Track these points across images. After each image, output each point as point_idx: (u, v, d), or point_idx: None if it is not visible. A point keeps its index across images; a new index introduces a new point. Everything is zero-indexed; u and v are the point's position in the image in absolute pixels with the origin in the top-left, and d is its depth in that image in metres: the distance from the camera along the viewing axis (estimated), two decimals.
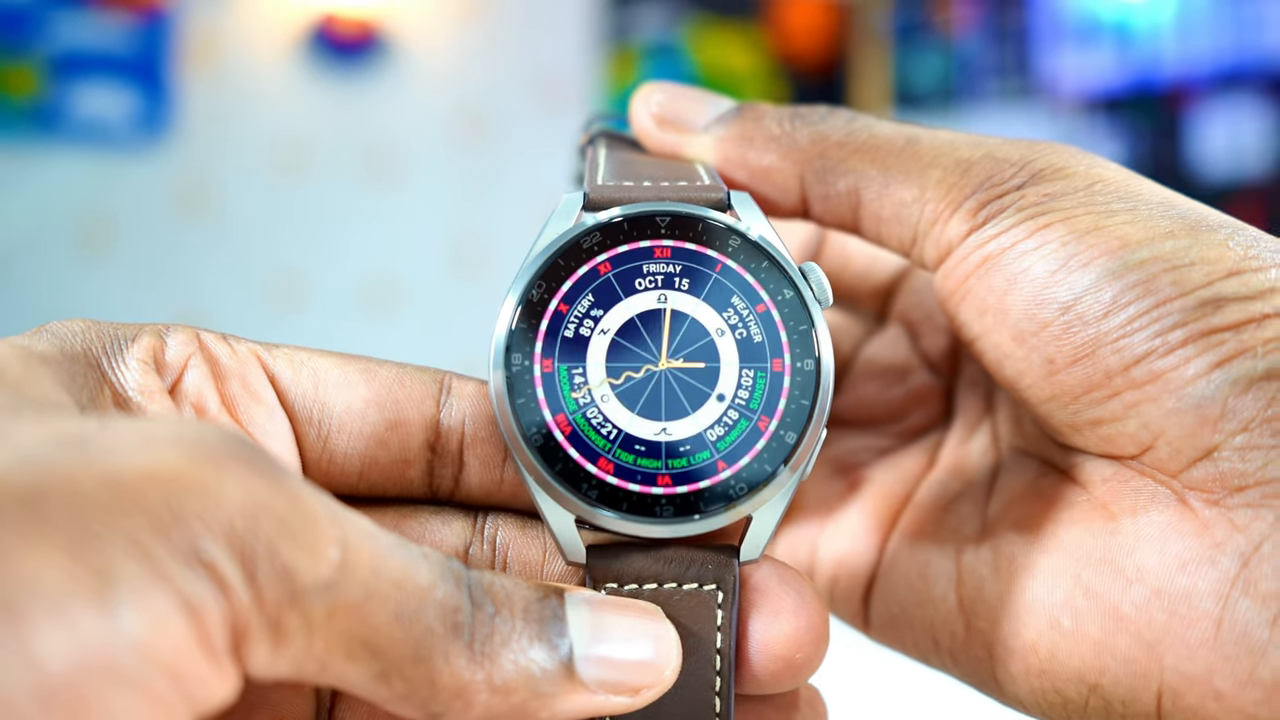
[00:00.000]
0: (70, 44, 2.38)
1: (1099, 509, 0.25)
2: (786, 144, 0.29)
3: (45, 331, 0.23)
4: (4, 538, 0.16)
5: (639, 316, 0.25)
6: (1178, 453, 0.24)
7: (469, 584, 0.20)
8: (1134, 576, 0.24)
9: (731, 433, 0.24)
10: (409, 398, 0.25)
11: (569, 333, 0.25)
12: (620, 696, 0.21)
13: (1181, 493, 0.24)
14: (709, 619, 0.24)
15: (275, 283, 2.48)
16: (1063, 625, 0.25)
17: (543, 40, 2.65)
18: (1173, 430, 0.23)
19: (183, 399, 0.23)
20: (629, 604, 0.22)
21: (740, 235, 0.26)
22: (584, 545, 0.24)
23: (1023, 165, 0.26)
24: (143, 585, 0.16)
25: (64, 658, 0.15)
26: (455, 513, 0.25)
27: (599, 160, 0.29)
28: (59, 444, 0.17)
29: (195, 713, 0.17)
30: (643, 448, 0.24)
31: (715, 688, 0.24)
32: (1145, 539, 0.24)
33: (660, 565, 0.24)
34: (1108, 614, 0.24)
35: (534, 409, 0.24)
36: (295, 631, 0.18)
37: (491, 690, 0.20)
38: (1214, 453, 0.23)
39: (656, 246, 0.25)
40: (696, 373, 0.25)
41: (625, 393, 0.24)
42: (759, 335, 0.25)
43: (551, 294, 0.25)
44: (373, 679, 0.19)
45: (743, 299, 0.25)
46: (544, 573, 0.25)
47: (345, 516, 0.19)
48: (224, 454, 0.18)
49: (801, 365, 0.25)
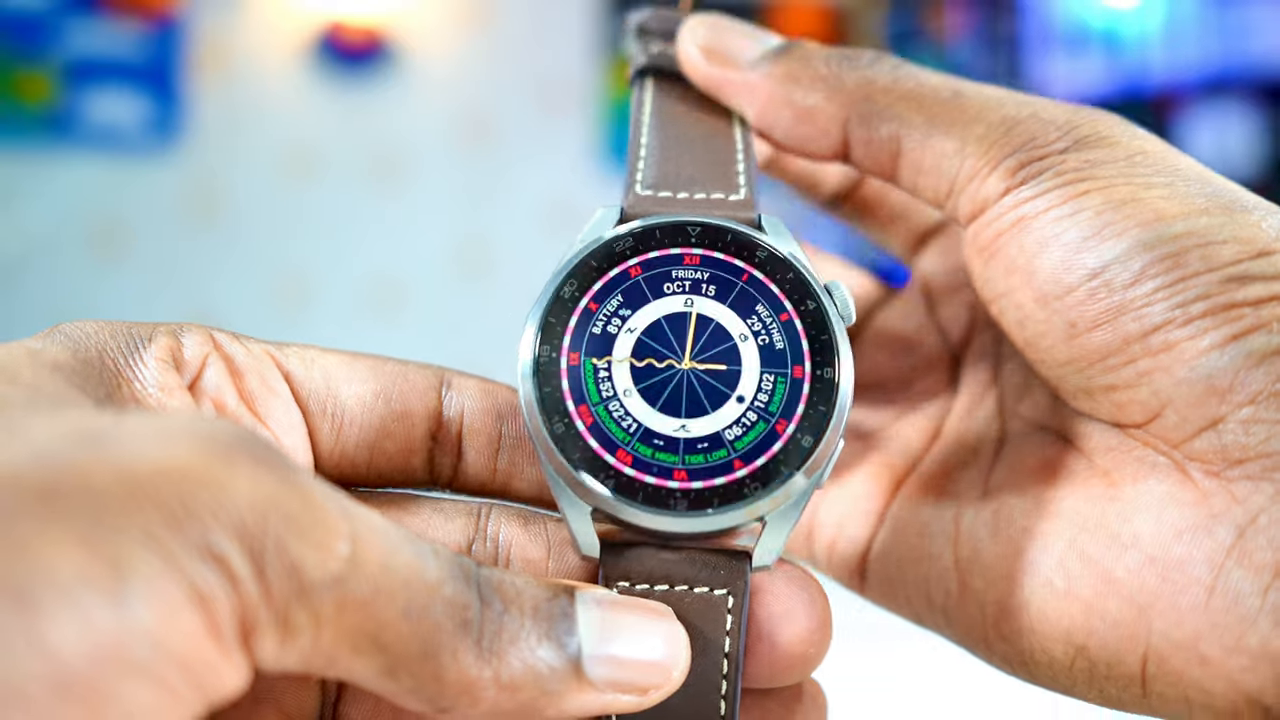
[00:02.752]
0: (84, 51, 2.38)
1: (1100, 476, 0.25)
2: (833, 85, 0.28)
3: (58, 332, 0.23)
4: (20, 530, 0.16)
5: (665, 318, 0.25)
6: (1184, 422, 0.23)
7: (478, 581, 0.20)
8: (1129, 542, 0.24)
9: (749, 434, 0.24)
10: (414, 390, 0.25)
11: (597, 329, 0.25)
12: (628, 696, 0.21)
13: (1183, 464, 0.24)
14: (719, 622, 0.23)
15: (284, 284, 2.48)
16: (1055, 586, 0.25)
17: (545, 48, 2.65)
18: (1182, 399, 0.23)
19: (202, 395, 0.24)
20: (640, 604, 0.22)
21: (768, 249, 0.26)
22: (598, 541, 0.24)
23: (1068, 130, 0.26)
24: (155, 577, 0.16)
25: (78, 648, 0.15)
26: (457, 510, 0.25)
27: (640, 143, 0.29)
28: (74, 439, 0.18)
29: (206, 702, 0.17)
30: (661, 442, 0.24)
31: (721, 690, 0.23)
32: (1143, 507, 0.24)
33: (672, 567, 0.24)
34: (1101, 577, 0.24)
35: (558, 399, 0.24)
36: (303, 625, 0.18)
37: (499, 687, 0.20)
38: (1219, 424, 0.23)
39: (686, 254, 0.26)
40: (718, 374, 0.25)
41: (647, 390, 0.24)
42: (781, 343, 0.25)
43: (583, 292, 0.25)
44: (380, 674, 0.19)
45: (767, 308, 0.25)
46: (549, 572, 0.24)
47: (356, 512, 0.19)
48: (236, 450, 0.18)
49: (821, 374, 0.25)
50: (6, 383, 0.19)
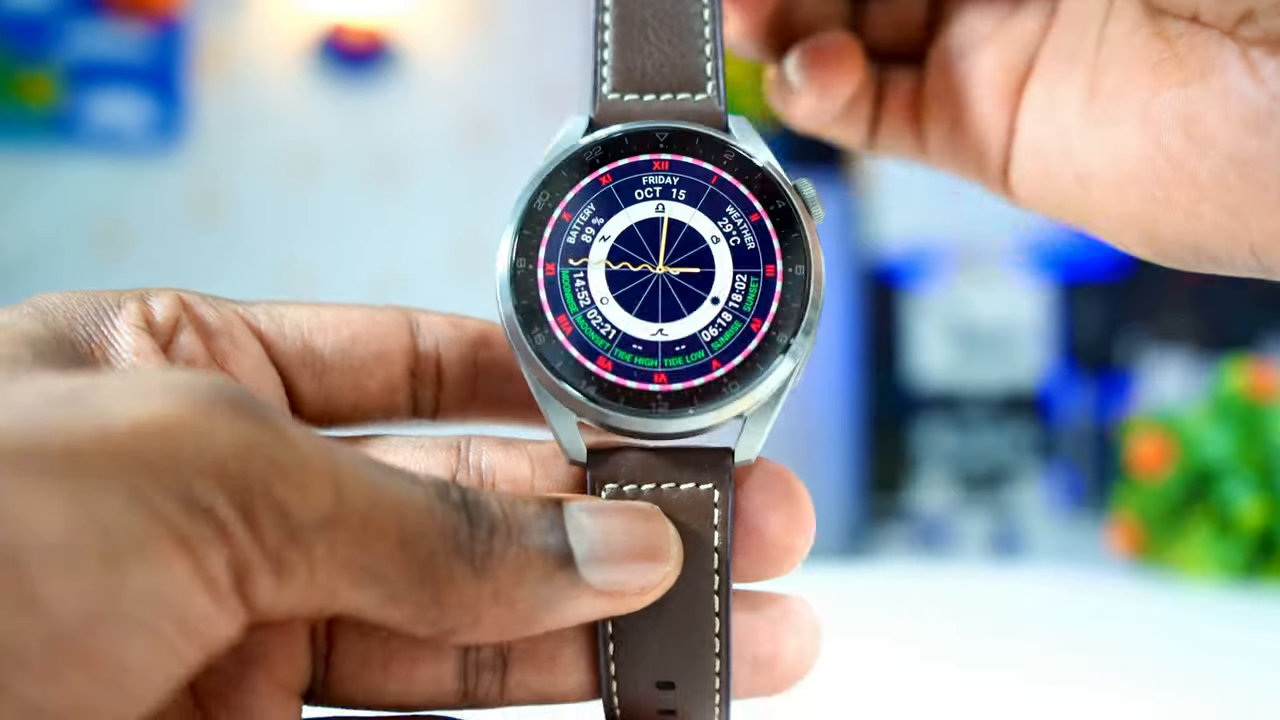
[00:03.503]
0: (87, 53, 2.38)
1: (1177, 70, 0.25)
2: None
3: (28, 304, 0.23)
4: (6, 492, 0.16)
5: (638, 225, 0.25)
6: (1220, 17, 0.23)
7: (466, 502, 0.20)
8: (1207, 143, 0.24)
9: (725, 334, 0.24)
10: (386, 331, 0.26)
11: (571, 239, 0.25)
12: (625, 597, 0.22)
13: (1245, 49, 0.24)
14: (706, 517, 0.24)
15: (286, 284, 2.48)
16: (1157, 197, 0.25)
17: (545, 50, 2.66)
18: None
19: (176, 357, 0.24)
20: (627, 507, 0.22)
21: (734, 150, 0.26)
22: (585, 446, 0.24)
23: None
24: (143, 532, 0.16)
25: (72, 606, 0.15)
26: (437, 445, 0.25)
27: (603, 40, 0.29)
28: (52, 399, 0.17)
29: (204, 651, 0.17)
30: (640, 347, 0.24)
31: (715, 586, 0.24)
32: (1213, 101, 0.24)
33: (658, 466, 0.24)
34: (1190, 184, 0.25)
35: (537, 310, 0.24)
36: (298, 565, 0.18)
37: (498, 603, 0.20)
38: (1252, 15, 0.23)
39: (655, 160, 0.26)
40: (692, 277, 0.25)
41: (624, 296, 0.25)
42: (752, 243, 0.25)
43: (555, 203, 0.25)
44: (381, 604, 0.19)
45: (737, 209, 0.25)
46: (535, 488, 0.25)
47: (337, 450, 0.19)
48: (214, 399, 0.18)
49: (793, 270, 0.25)
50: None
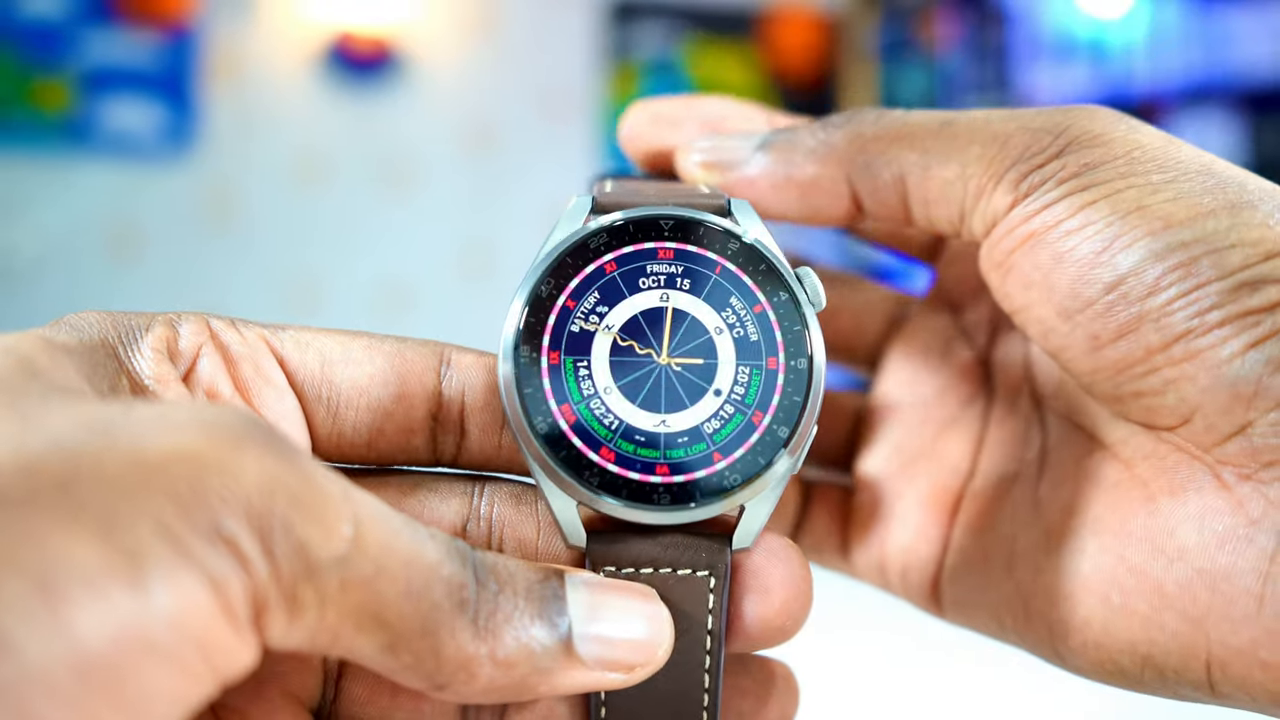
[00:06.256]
0: (100, 61, 2.38)
1: (1139, 488, 0.25)
2: (825, 151, 0.29)
3: (63, 323, 0.23)
4: (40, 521, 0.16)
5: (642, 314, 0.25)
6: (1213, 428, 0.23)
7: (474, 563, 0.21)
8: (1175, 556, 0.24)
9: (727, 426, 0.24)
10: (411, 371, 0.25)
11: (575, 328, 0.25)
12: (616, 673, 0.22)
13: (1216, 468, 0.24)
14: (701, 602, 0.24)
15: (294, 288, 2.49)
16: (1113, 602, 0.25)
17: (548, 57, 2.66)
18: (1208, 406, 0.23)
19: (196, 385, 0.24)
20: (625, 586, 0.23)
21: (738, 239, 0.26)
22: (584, 530, 0.24)
23: (1058, 134, 0.26)
24: (170, 563, 0.16)
25: (101, 634, 0.16)
26: (452, 490, 0.25)
27: (606, 186, 0.29)
28: (87, 429, 0.18)
29: (220, 680, 0.18)
30: (642, 438, 0.24)
31: (705, 666, 0.24)
32: (1184, 519, 0.24)
33: (657, 550, 0.24)
34: (1153, 592, 0.24)
35: (540, 399, 0.24)
36: (310, 604, 0.18)
37: (494, 664, 0.20)
38: (1247, 429, 0.23)
39: (660, 248, 0.25)
40: (695, 368, 0.25)
41: (627, 386, 0.24)
42: (755, 334, 0.25)
43: (559, 290, 0.25)
44: (382, 650, 0.19)
45: (740, 300, 0.25)
46: (539, 550, 0.25)
47: (357, 496, 0.19)
48: (241, 435, 0.18)
49: (795, 364, 0.25)
50: (23, 372, 0.19)
